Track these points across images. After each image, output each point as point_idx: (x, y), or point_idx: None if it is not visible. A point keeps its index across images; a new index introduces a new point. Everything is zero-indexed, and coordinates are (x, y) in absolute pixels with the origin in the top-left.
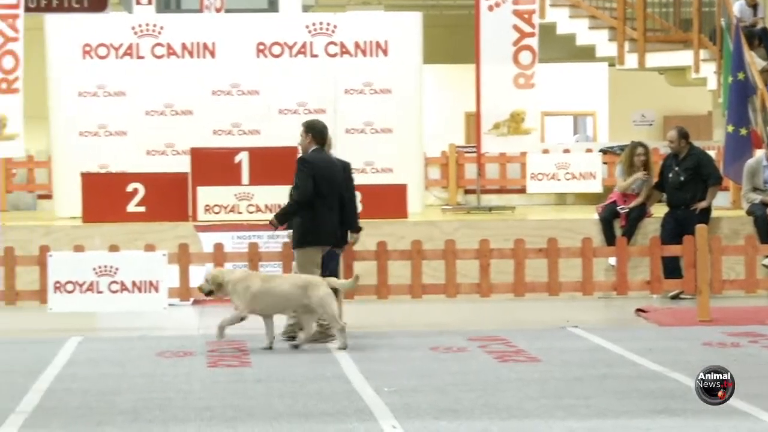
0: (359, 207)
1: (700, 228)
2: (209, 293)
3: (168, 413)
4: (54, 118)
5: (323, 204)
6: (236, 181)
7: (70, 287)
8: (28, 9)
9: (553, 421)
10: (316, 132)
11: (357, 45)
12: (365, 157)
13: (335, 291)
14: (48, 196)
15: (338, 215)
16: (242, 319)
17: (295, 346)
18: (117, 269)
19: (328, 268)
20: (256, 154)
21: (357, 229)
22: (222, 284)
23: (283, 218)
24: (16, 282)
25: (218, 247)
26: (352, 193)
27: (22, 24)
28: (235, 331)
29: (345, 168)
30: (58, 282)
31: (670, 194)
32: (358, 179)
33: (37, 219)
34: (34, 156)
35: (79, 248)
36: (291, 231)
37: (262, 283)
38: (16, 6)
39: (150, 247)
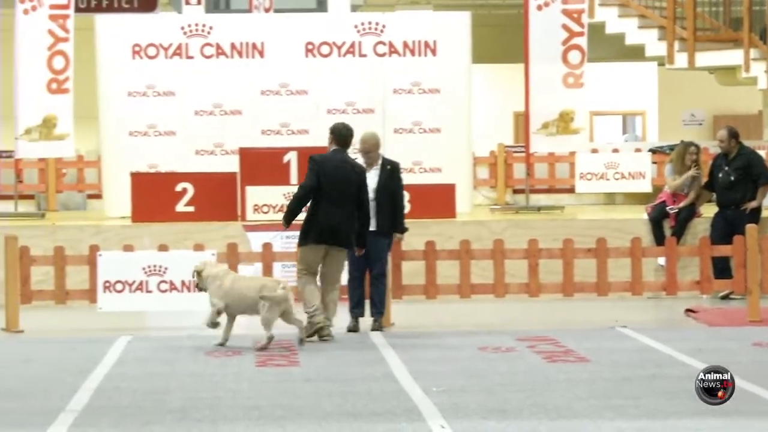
0: (407, 207)
1: (751, 228)
2: (197, 285)
3: (217, 412)
4: (104, 118)
5: (326, 202)
6: (285, 180)
7: (119, 287)
8: (78, 9)
9: (602, 422)
10: (336, 133)
11: (405, 45)
12: (414, 156)
13: None
14: (98, 196)
15: (347, 214)
16: (218, 313)
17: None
18: (166, 269)
19: (375, 268)
20: (304, 153)
21: (402, 230)
22: (200, 275)
23: (288, 217)
24: (66, 281)
25: (267, 246)
26: (400, 194)
27: (73, 24)
28: (282, 330)
29: (393, 168)
30: (107, 281)
31: (719, 194)
32: (407, 179)
33: (86, 219)
34: (84, 156)
35: (128, 248)
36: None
37: (230, 282)
38: (66, 6)
39: (199, 247)
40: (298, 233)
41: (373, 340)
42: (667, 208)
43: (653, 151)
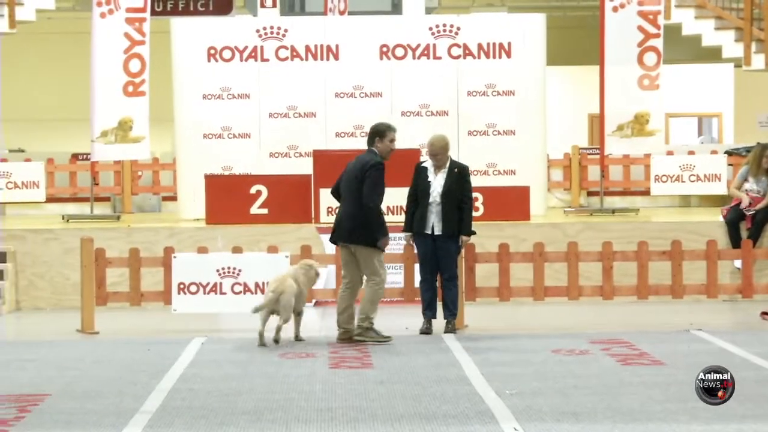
0: (480, 209)
1: None
2: None
3: (290, 414)
4: (179, 120)
5: (341, 203)
6: None
7: (193, 288)
8: (154, 13)
9: (677, 425)
10: None
11: (480, 47)
12: (487, 158)
13: None
14: (173, 198)
15: (347, 211)
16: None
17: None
18: (240, 271)
19: (445, 271)
20: None
21: (468, 233)
22: None
23: None
24: (141, 283)
25: (339, 250)
26: (468, 197)
27: (149, 27)
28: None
29: (461, 171)
30: (182, 283)
31: None
32: (481, 181)
33: (161, 221)
34: (159, 158)
35: (202, 250)
36: (405, 235)
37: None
38: (143, 10)
39: (273, 249)
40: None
41: (446, 342)
42: (744, 210)
43: (729, 153)
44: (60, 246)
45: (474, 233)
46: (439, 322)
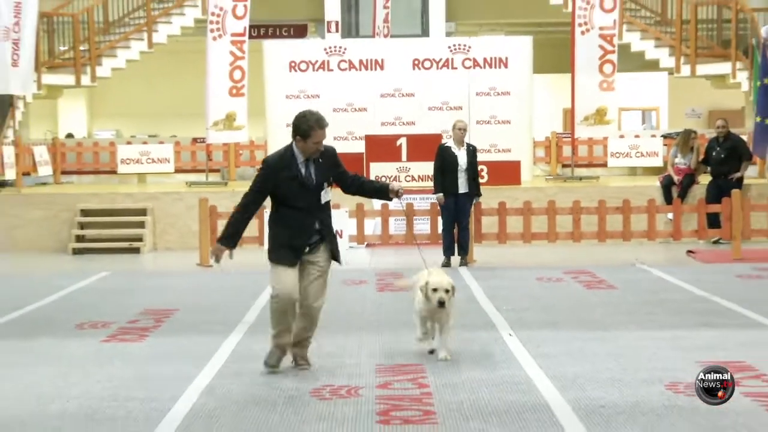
0: (485, 177)
1: (735, 192)
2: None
3: (351, 324)
4: (269, 114)
5: None
6: (398, 158)
7: None
8: (251, 36)
9: (627, 332)
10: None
11: (485, 60)
12: (491, 141)
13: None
14: None
15: None
16: None
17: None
18: None
19: (461, 221)
20: (412, 139)
21: (480, 194)
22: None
23: None
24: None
25: (384, 206)
26: (477, 168)
27: (247, 47)
28: (389, 266)
29: (474, 150)
30: None
31: (713, 167)
32: (486, 157)
33: None
34: (255, 141)
35: None
36: (438, 195)
37: None
38: (243, 34)
39: (335, 206)
40: (409, 196)
41: (460, 272)
42: (674, 177)
43: (665, 136)
44: (184, 204)
45: (481, 194)
46: (456, 258)
